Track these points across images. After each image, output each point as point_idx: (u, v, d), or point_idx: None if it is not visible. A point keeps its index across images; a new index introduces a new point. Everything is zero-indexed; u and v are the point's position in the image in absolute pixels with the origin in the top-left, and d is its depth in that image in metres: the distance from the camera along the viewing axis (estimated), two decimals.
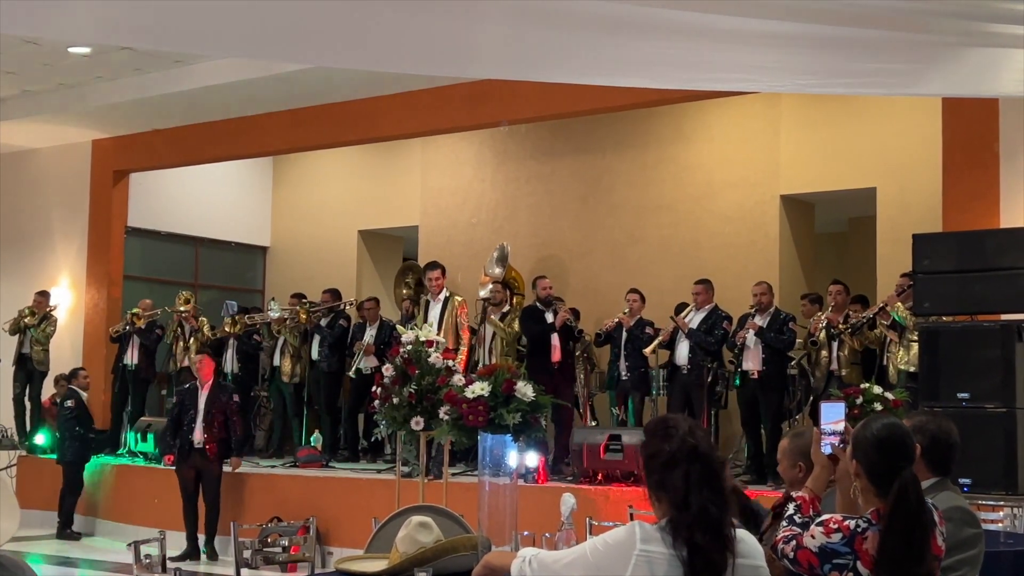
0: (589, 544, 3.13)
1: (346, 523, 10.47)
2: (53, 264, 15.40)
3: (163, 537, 4.76)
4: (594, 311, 12.78)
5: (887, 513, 3.31)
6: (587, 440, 10.28)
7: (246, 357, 13.75)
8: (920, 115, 11.34)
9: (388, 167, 16.06)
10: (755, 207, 13.02)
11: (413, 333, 7.65)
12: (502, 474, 4.92)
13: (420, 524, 4.22)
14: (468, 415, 5.15)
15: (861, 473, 3.45)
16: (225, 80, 12.35)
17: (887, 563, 3.28)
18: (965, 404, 7.94)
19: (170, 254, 16.71)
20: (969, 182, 9.54)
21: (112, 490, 12.77)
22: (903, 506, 3.31)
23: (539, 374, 9.93)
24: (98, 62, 12.51)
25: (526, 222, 14.55)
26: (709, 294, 11.07)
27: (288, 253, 17.16)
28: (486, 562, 3.43)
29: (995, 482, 7.71)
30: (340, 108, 12.96)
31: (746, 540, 3.14)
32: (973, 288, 8.20)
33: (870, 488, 3.42)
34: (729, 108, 13.04)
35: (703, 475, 3.05)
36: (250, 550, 5.32)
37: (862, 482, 3.45)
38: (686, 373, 10.77)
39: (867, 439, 3.46)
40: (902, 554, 3.28)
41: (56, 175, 15.46)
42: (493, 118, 12.46)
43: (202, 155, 14.65)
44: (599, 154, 14.10)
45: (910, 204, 11.82)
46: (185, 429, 11.12)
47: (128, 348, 13.79)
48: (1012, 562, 5.20)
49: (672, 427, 3.12)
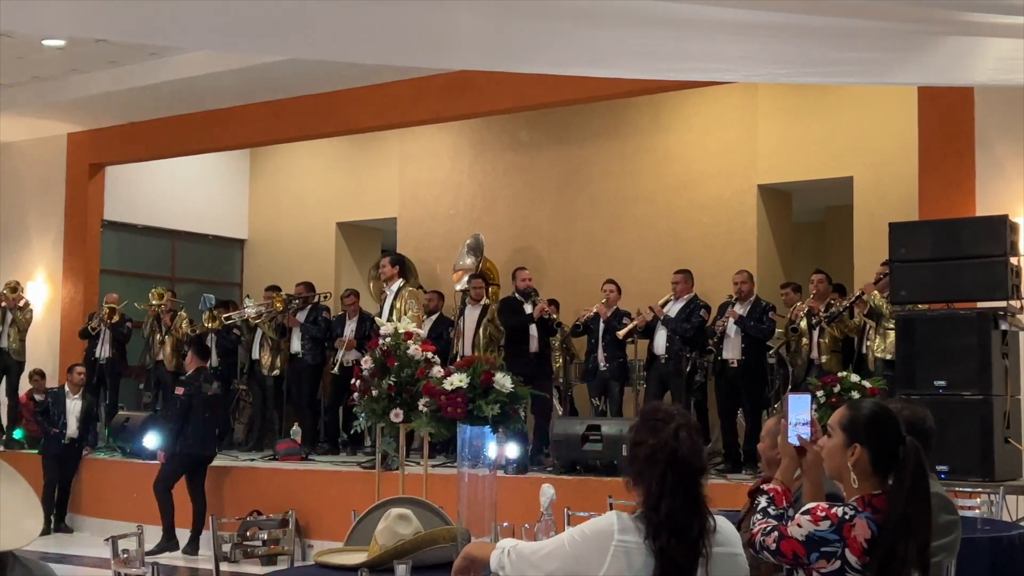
0: (567, 535, 3.13)
1: (326, 516, 10.45)
2: (29, 258, 15.30)
3: (141, 531, 4.74)
4: (572, 302, 12.78)
5: (908, 481, 3.29)
6: (567, 431, 10.29)
7: (226, 351, 13.72)
8: (897, 105, 11.38)
9: (366, 159, 16.03)
10: (733, 197, 13.05)
11: (392, 325, 7.62)
12: (481, 465, 4.92)
13: (399, 516, 4.22)
14: (447, 407, 5.15)
15: (862, 455, 3.42)
16: (201, 72, 12.28)
17: (908, 530, 3.24)
18: (942, 391, 7.98)
19: (147, 247, 16.63)
20: (945, 171, 9.59)
21: (89, 484, 12.73)
22: (920, 471, 3.31)
23: (517, 365, 9.94)
24: (73, 55, 12.43)
25: (504, 213, 14.55)
26: (688, 284, 11.09)
27: (266, 246, 17.11)
28: (465, 553, 3.42)
29: (972, 469, 7.76)
30: (317, 100, 12.92)
31: (724, 528, 3.14)
32: (949, 276, 8.24)
33: (868, 470, 3.41)
34: (707, 98, 13.05)
35: (679, 480, 3.03)
36: (229, 544, 5.31)
37: (861, 466, 3.42)
38: (664, 362, 10.79)
39: (864, 419, 3.45)
40: (924, 521, 3.28)
41: (31, 169, 15.37)
42: (471, 109, 12.44)
43: (178, 148, 14.58)
44: (577, 145, 14.10)
45: (887, 193, 11.87)
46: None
47: (99, 342, 13.73)
48: (989, 548, 5.23)
49: (661, 421, 3.10)
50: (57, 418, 12.51)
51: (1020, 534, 5.53)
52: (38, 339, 14.55)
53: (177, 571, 9.92)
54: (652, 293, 11.50)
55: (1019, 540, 5.44)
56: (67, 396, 12.65)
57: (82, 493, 12.73)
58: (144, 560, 4.31)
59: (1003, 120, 9.29)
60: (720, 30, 5.81)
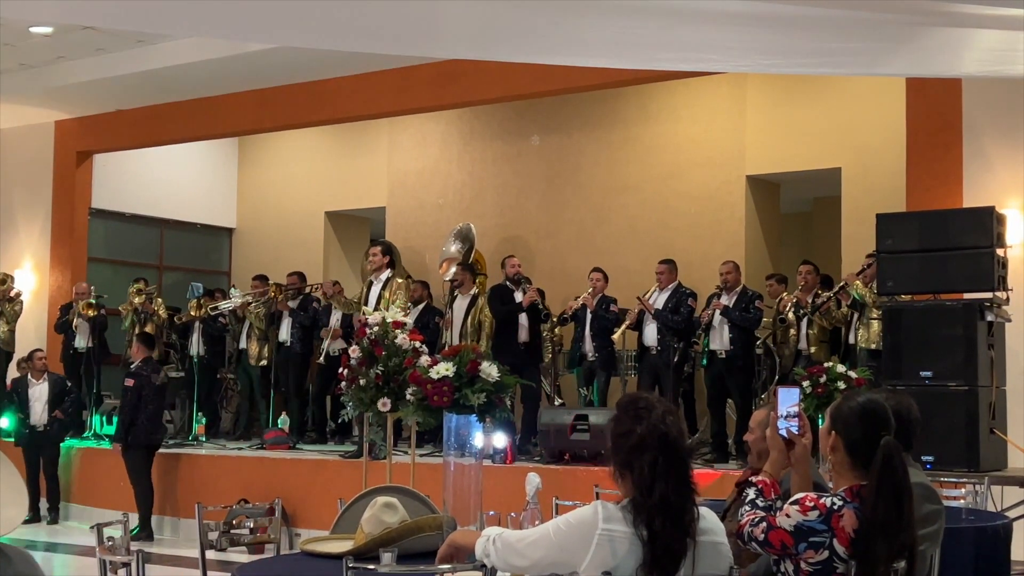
0: (552, 523, 3.14)
1: (313, 504, 10.46)
2: (16, 246, 15.25)
3: (126, 519, 4.73)
4: (560, 292, 12.78)
5: (875, 481, 3.31)
6: (554, 420, 10.30)
7: (212, 340, 13.70)
8: (885, 96, 11.40)
9: (354, 148, 16.00)
10: (721, 187, 13.06)
11: (380, 314, 7.61)
12: (467, 454, 4.93)
13: (385, 505, 4.22)
14: (433, 395, 5.15)
15: (840, 447, 3.45)
16: (189, 60, 12.24)
17: (879, 530, 3.28)
18: (928, 382, 8.00)
19: (135, 236, 16.58)
20: (933, 162, 9.60)
21: (78, 473, 12.71)
22: (890, 472, 3.32)
23: (506, 354, 9.94)
24: (60, 42, 12.37)
25: (492, 203, 14.54)
26: (672, 274, 11.09)
27: (254, 234, 17.08)
28: (451, 541, 3.43)
29: (957, 460, 7.78)
30: (306, 88, 12.88)
31: (707, 517, 3.16)
32: (936, 267, 8.25)
33: (847, 462, 3.43)
34: (695, 89, 13.05)
35: (670, 463, 3.05)
36: (216, 532, 5.30)
37: (839, 457, 3.45)
38: (655, 354, 10.79)
39: (848, 411, 3.48)
40: (894, 520, 3.29)
41: (18, 156, 15.29)
42: (460, 98, 12.42)
43: (166, 136, 14.54)
44: (565, 134, 14.10)
45: (874, 184, 11.89)
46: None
47: (77, 334, 13.66)
48: (973, 538, 5.26)
49: (644, 408, 3.12)
50: (22, 406, 12.48)
51: (1004, 524, 5.56)
52: (26, 327, 14.50)
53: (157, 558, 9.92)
54: (639, 283, 11.50)
55: (1003, 530, 5.47)
56: (30, 383, 12.59)
57: (71, 481, 12.70)
58: (129, 548, 4.31)
59: (991, 112, 9.31)
60: (708, 20, 5.82)
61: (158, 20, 6.37)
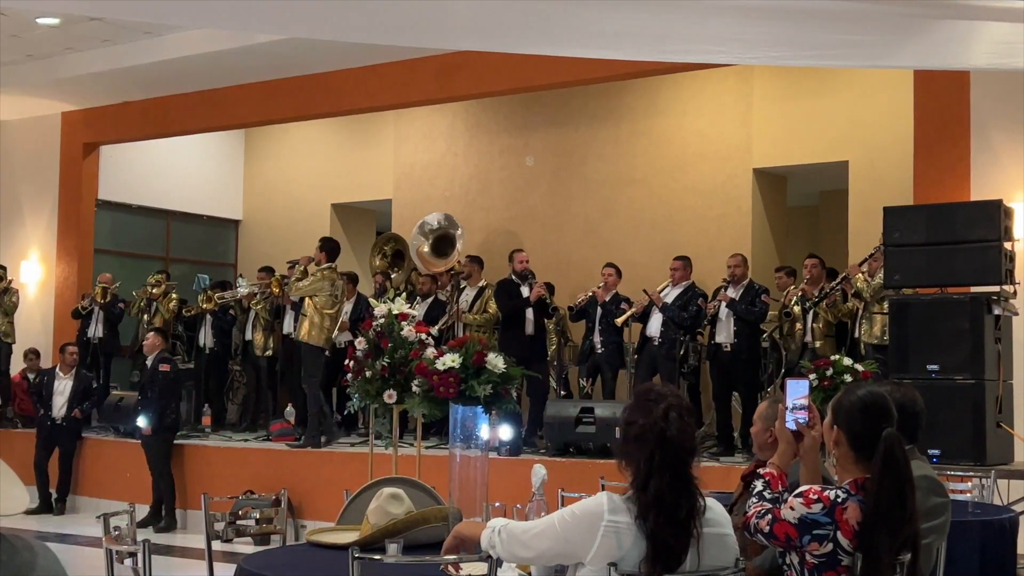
0: (558, 515, 3.14)
1: (319, 496, 10.48)
2: (23, 238, 15.27)
3: (133, 509, 4.74)
4: (567, 285, 12.78)
5: (877, 474, 3.31)
6: (560, 413, 10.31)
7: (222, 332, 13.73)
8: (892, 89, 11.37)
9: (361, 140, 16.00)
10: (728, 180, 13.04)
11: (386, 306, 7.62)
12: (473, 446, 4.93)
13: (391, 496, 4.23)
14: (439, 387, 5.14)
15: (842, 440, 3.45)
16: (196, 52, 12.24)
17: (882, 522, 3.27)
18: (934, 376, 7.99)
19: (141, 227, 16.60)
20: (940, 155, 9.58)
21: (85, 464, 12.73)
22: (892, 464, 3.31)
23: (512, 347, 9.94)
24: (67, 33, 12.38)
25: (499, 195, 14.53)
26: (687, 271, 11.07)
27: (260, 226, 17.08)
28: (456, 532, 3.43)
29: (964, 453, 7.77)
30: (312, 80, 12.88)
31: (714, 508, 3.16)
32: (943, 260, 8.23)
33: (850, 455, 3.42)
34: (702, 82, 13.03)
35: (667, 461, 3.04)
36: (222, 523, 5.31)
37: (842, 450, 3.45)
38: (657, 345, 10.78)
39: (850, 404, 3.47)
40: (897, 513, 3.29)
41: (25, 148, 15.32)
42: (465, 90, 12.41)
43: (173, 127, 14.53)
44: (572, 127, 14.08)
45: (882, 177, 11.86)
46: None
47: (92, 322, 13.73)
48: (979, 531, 5.26)
49: (653, 401, 3.11)
50: (47, 398, 12.53)
51: (1010, 518, 5.56)
52: (32, 319, 14.54)
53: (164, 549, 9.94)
54: (646, 277, 11.50)
55: (1009, 524, 5.47)
56: (57, 376, 12.65)
57: (78, 473, 12.73)
58: (136, 537, 4.32)
59: (999, 105, 9.29)
60: (715, 12, 5.80)
61: (165, 11, 6.37)
